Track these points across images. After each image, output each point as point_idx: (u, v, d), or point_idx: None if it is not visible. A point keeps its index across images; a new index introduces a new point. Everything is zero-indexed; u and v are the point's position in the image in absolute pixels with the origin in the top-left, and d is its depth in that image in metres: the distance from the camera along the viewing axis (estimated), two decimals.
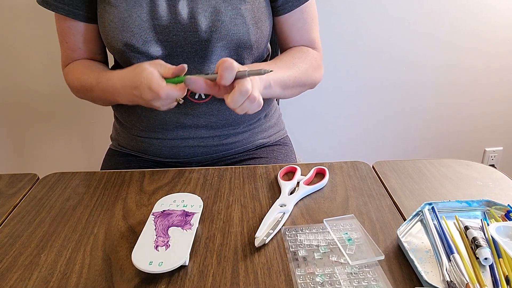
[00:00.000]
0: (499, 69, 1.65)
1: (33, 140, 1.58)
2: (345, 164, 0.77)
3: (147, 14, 0.73)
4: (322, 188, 0.69)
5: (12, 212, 0.66)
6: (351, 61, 1.56)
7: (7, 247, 0.58)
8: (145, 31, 0.74)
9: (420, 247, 0.55)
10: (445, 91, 1.67)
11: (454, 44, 1.57)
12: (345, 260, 0.53)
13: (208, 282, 0.51)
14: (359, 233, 0.57)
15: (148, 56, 0.76)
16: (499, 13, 1.53)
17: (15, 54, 1.38)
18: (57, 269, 0.53)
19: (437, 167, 0.75)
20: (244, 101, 0.61)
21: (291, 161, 0.93)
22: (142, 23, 0.73)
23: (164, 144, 0.84)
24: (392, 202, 0.66)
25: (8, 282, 0.51)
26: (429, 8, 1.49)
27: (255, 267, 0.53)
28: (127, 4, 0.73)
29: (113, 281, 0.51)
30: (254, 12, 0.76)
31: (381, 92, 1.64)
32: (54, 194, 0.69)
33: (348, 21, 1.49)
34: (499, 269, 0.50)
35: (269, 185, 0.70)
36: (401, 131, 1.74)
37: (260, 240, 0.56)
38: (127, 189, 0.70)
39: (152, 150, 0.86)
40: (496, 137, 1.81)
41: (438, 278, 0.50)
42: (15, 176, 0.76)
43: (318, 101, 1.62)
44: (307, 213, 0.63)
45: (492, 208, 0.62)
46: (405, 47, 1.56)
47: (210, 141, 0.84)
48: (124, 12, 0.73)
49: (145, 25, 0.73)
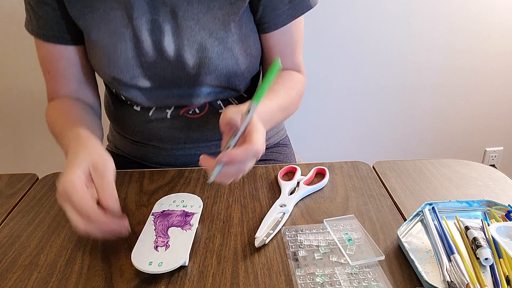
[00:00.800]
0: (500, 69, 1.64)
1: (32, 140, 1.58)
2: (345, 164, 0.77)
3: (132, 50, 0.70)
4: (322, 188, 0.69)
5: (11, 212, 0.66)
6: (351, 61, 1.56)
7: (7, 247, 0.58)
8: (132, 67, 0.71)
9: (420, 247, 0.55)
10: (446, 91, 1.67)
11: (454, 44, 1.57)
12: (345, 261, 0.53)
13: (208, 283, 0.51)
14: (359, 233, 0.57)
15: (137, 88, 0.74)
16: (499, 13, 1.53)
17: (15, 55, 1.38)
18: (57, 270, 0.53)
19: (437, 167, 0.75)
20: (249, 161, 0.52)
21: (291, 161, 0.93)
22: (128, 59, 0.70)
23: (161, 153, 0.84)
24: (392, 202, 0.66)
25: (7, 283, 0.51)
26: (429, 8, 1.49)
27: (255, 268, 0.53)
28: (111, 40, 0.69)
29: (113, 281, 0.51)
30: (242, 41, 0.72)
31: (381, 92, 1.64)
32: (53, 194, 0.69)
33: (348, 21, 1.49)
34: (500, 269, 0.50)
35: (269, 185, 0.70)
36: (401, 131, 1.74)
37: (260, 241, 0.56)
38: (126, 189, 0.70)
39: (149, 157, 0.86)
40: (496, 137, 1.81)
41: (439, 279, 0.50)
42: (15, 176, 0.76)
43: (318, 101, 1.61)
44: (307, 213, 0.63)
45: (492, 208, 0.62)
46: (406, 47, 1.56)
47: (207, 150, 0.83)
48: (109, 47, 0.70)
49: (131, 61, 0.71)
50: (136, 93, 0.76)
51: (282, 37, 0.75)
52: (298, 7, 0.72)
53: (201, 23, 0.69)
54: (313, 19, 1.50)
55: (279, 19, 0.72)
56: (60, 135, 0.65)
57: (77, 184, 0.49)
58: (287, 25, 0.73)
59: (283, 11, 0.72)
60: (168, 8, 0.68)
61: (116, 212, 0.51)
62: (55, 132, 0.69)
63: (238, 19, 0.70)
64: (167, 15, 0.68)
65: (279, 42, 0.75)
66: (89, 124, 0.69)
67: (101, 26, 0.69)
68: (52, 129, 0.70)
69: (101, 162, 0.53)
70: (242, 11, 0.70)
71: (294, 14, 0.73)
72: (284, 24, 0.73)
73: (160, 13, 0.68)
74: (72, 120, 0.68)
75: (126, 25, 0.69)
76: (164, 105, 0.79)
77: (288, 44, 0.76)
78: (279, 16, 0.72)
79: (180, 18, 0.68)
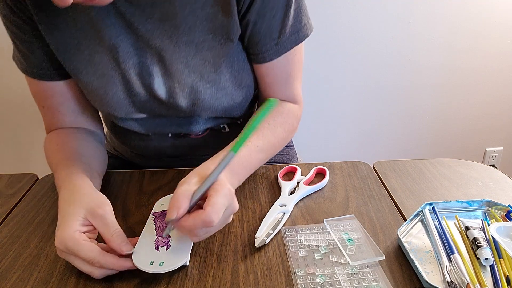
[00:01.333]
0: (500, 69, 1.64)
1: (32, 140, 1.58)
2: (345, 164, 0.77)
3: (123, 92, 0.67)
4: (322, 188, 0.69)
5: (11, 212, 0.66)
6: (351, 61, 1.56)
7: (7, 247, 0.58)
8: (125, 106, 0.69)
9: (420, 247, 0.55)
10: (446, 91, 1.67)
11: (454, 44, 1.57)
12: (345, 261, 0.53)
13: (208, 283, 0.51)
14: (360, 234, 0.57)
15: (133, 119, 0.73)
16: (500, 14, 1.53)
17: None
18: (57, 270, 0.53)
19: (437, 167, 0.75)
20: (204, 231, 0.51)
21: (293, 162, 0.93)
22: (120, 100, 0.68)
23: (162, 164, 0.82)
24: (392, 202, 0.66)
25: (7, 283, 0.51)
26: (429, 8, 1.49)
27: (255, 268, 0.53)
28: (100, 83, 0.66)
29: (113, 281, 0.51)
30: (235, 77, 0.69)
31: (381, 92, 1.64)
32: (53, 194, 0.69)
33: (348, 21, 1.48)
34: (500, 269, 0.50)
35: (269, 185, 0.70)
36: (401, 131, 1.74)
37: (260, 241, 0.56)
38: (126, 189, 0.70)
39: (149, 165, 0.85)
40: (496, 137, 1.81)
41: (439, 279, 0.50)
42: (15, 176, 0.76)
43: (318, 101, 1.61)
44: (307, 213, 0.63)
45: (492, 208, 0.62)
46: (406, 47, 1.56)
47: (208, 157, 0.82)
48: (98, 90, 0.67)
49: (123, 101, 0.68)
50: (133, 124, 0.75)
51: (271, 70, 0.70)
52: (287, 42, 0.67)
53: (191, 67, 0.65)
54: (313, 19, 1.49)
55: (267, 53, 0.67)
56: (55, 173, 0.64)
57: (79, 239, 0.49)
58: (275, 59, 0.68)
59: (270, 46, 0.66)
60: (153, 50, 0.64)
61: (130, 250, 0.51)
62: (51, 168, 0.67)
63: (229, 56, 0.66)
64: (153, 58, 0.65)
65: (268, 74, 0.71)
66: (86, 158, 0.67)
67: (89, 70, 0.66)
68: (49, 164, 0.68)
69: (98, 207, 0.52)
70: (232, 50, 0.66)
71: (282, 50, 0.67)
72: (271, 59, 0.68)
73: (147, 55, 0.65)
74: (66, 156, 0.65)
75: (114, 68, 0.65)
76: (162, 132, 0.78)
77: (279, 77, 0.71)
78: (267, 51, 0.67)
79: (167, 61, 0.65)
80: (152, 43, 0.63)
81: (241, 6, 0.61)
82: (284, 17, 0.64)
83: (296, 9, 0.65)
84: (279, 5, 0.62)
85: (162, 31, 0.62)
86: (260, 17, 0.63)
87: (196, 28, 0.62)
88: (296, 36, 0.67)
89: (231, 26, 0.62)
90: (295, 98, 0.74)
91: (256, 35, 0.65)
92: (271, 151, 0.69)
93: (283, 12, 0.63)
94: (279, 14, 0.63)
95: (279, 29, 0.65)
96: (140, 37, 0.63)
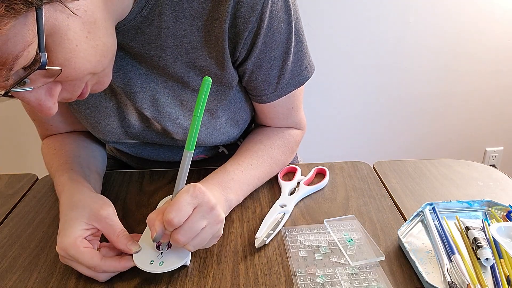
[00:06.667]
0: (500, 70, 1.64)
1: (32, 140, 1.57)
2: (346, 164, 0.77)
3: (116, 122, 0.66)
4: (323, 188, 0.69)
5: (11, 212, 0.66)
6: (351, 61, 1.56)
7: (7, 248, 0.57)
8: (118, 135, 0.67)
9: (421, 247, 0.55)
10: (446, 91, 1.67)
11: (454, 45, 1.57)
12: (345, 261, 0.53)
13: (208, 283, 0.50)
14: (360, 234, 0.57)
15: (125, 144, 0.72)
16: (500, 15, 1.53)
17: None
18: (57, 270, 0.53)
19: (437, 167, 0.75)
20: None
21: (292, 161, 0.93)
22: (113, 130, 0.66)
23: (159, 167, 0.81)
24: (392, 203, 0.65)
25: (7, 283, 0.51)
26: (430, 9, 1.49)
27: (255, 268, 0.53)
28: (92, 113, 0.64)
29: (113, 281, 0.51)
30: (231, 119, 0.68)
31: (382, 92, 1.64)
32: (53, 194, 0.69)
33: (349, 21, 1.49)
34: (500, 269, 0.50)
35: (269, 186, 0.70)
36: (401, 131, 1.74)
37: (260, 241, 0.56)
38: (126, 189, 0.70)
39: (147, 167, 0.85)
40: (496, 137, 1.81)
41: (439, 279, 0.50)
42: (15, 176, 0.75)
43: (318, 101, 1.61)
44: (307, 214, 0.63)
45: (493, 208, 0.62)
46: (406, 48, 1.56)
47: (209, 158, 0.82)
48: (90, 119, 0.65)
49: (116, 131, 0.67)
50: (125, 148, 0.73)
51: (272, 108, 0.69)
52: (286, 87, 0.65)
53: (186, 111, 0.64)
54: (313, 19, 1.50)
55: (265, 97, 0.66)
56: (54, 178, 0.64)
57: (79, 246, 0.49)
58: (276, 100, 0.67)
59: (269, 91, 0.65)
60: (147, 94, 0.62)
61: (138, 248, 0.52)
62: (51, 174, 0.67)
63: (226, 102, 0.65)
64: (147, 101, 0.63)
65: (269, 112, 0.70)
66: (85, 159, 0.66)
67: (79, 100, 0.61)
68: (48, 170, 0.68)
69: (101, 209, 0.52)
70: (229, 97, 0.65)
71: (281, 94, 0.66)
72: (270, 101, 0.67)
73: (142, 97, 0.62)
74: (65, 160, 0.65)
75: (109, 98, 0.63)
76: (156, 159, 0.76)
77: (280, 113, 0.70)
78: (265, 95, 0.66)
79: (162, 105, 0.63)
80: (146, 86, 0.62)
81: (236, 58, 0.59)
82: (283, 65, 0.62)
83: (297, 53, 0.63)
84: (277, 56, 0.60)
85: (156, 75, 0.61)
86: (257, 67, 0.61)
87: (189, 78, 0.60)
88: (296, 80, 0.65)
89: (226, 78, 0.61)
90: (298, 125, 0.74)
91: (254, 81, 0.64)
92: (266, 170, 0.68)
93: (281, 60, 0.61)
94: (277, 63, 0.61)
95: (278, 76, 0.63)
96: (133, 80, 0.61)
